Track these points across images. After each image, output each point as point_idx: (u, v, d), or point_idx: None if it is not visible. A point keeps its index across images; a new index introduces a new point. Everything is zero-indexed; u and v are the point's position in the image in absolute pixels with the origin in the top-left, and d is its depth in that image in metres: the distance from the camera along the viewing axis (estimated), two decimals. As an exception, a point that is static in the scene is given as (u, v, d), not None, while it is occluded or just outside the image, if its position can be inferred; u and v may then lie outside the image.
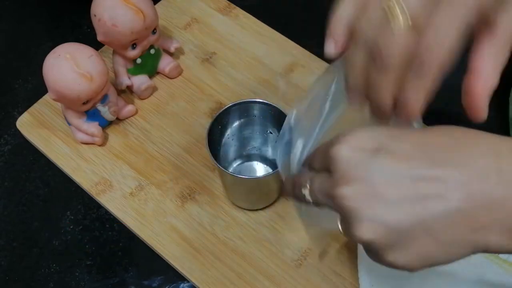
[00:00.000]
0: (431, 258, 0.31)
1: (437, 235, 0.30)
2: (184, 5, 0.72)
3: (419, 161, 0.31)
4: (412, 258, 0.31)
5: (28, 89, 0.67)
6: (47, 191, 0.61)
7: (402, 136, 0.32)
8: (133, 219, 0.57)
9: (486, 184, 0.30)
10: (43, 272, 0.56)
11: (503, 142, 0.31)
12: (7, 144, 0.64)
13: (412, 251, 0.31)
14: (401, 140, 0.32)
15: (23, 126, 0.62)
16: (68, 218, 0.59)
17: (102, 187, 0.58)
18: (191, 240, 0.55)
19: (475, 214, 0.30)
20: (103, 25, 0.57)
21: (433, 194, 0.30)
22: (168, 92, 0.65)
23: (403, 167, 0.31)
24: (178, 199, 0.58)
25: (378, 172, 0.31)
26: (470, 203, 0.30)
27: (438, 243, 0.30)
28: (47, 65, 0.55)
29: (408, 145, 0.32)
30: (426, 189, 0.30)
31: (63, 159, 0.60)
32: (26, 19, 0.74)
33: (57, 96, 0.55)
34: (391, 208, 0.31)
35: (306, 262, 0.55)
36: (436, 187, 0.30)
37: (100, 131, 0.60)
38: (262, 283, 0.53)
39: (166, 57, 0.65)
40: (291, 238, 0.56)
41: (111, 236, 0.58)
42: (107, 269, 0.56)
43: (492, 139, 0.31)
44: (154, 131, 0.62)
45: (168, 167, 0.60)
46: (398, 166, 0.31)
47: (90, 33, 0.65)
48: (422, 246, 0.31)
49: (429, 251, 0.31)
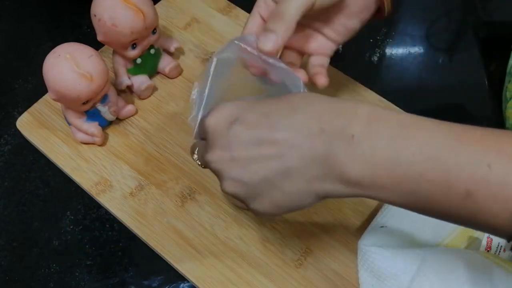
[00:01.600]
0: (281, 205, 0.38)
1: (280, 187, 0.37)
2: (184, 5, 0.72)
3: (262, 127, 0.37)
4: (267, 206, 0.38)
5: (28, 89, 0.67)
6: (47, 191, 0.61)
7: (254, 107, 0.39)
8: (133, 219, 0.57)
9: (311, 144, 0.36)
10: (43, 272, 0.56)
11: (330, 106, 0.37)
12: (7, 144, 0.64)
13: (265, 200, 0.38)
14: (252, 110, 0.39)
15: (23, 126, 0.62)
16: (68, 218, 0.59)
17: (102, 187, 0.58)
18: (191, 240, 0.55)
19: (307, 169, 0.36)
20: (103, 25, 0.57)
21: (273, 155, 0.37)
22: (168, 92, 0.65)
23: (250, 133, 0.38)
24: (178, 199, 0.58)
25: (233, 139, 0.38)
26: (301, 160, 0.36)
27: (283, 193, 0.37)
28: (47, 65, 0.55)
29: (256, 114, 0.38)
30: (267, 151, 0.37)
31: (63, 159, 0.60)
32: (26, 19, 0.74)
33: (57, 96, 0.55)
34: (243, 168, 0.38)
35: (306, 262, 0.55)
36: (275, 149, 0.37)
37: (100, 131, 0.60)
38: (262, 283, 0.53)
39: (166, 57, 0.65)
40: (291, 238, 0.56)
41: (111, 236, 0.58)
42: (107, 269, 0.56)
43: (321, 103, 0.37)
44: (154, 131, 0.62)
45: (168, 167, 0.60)
46: (247, 133, 0.38)
47: (90, 33, 0.65)
48: (271, 196, 0.38)
49: (278, 199, 0.38)
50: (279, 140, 0.37)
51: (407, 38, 0.74)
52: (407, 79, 0.70)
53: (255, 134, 0.38)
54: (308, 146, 0.36)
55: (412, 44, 0.73)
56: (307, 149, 0.36)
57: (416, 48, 0.73)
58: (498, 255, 0.52)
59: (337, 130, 0.35)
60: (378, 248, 0.51)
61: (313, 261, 0.55)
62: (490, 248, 0.52)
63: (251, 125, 0.38)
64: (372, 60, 0.71)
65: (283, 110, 0.38)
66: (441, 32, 0.75)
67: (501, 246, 0.52)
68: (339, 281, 0.54)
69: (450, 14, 0.76)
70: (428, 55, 0.73)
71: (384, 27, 0.74)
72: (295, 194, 0.37)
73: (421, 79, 0.70)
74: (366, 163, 0.35)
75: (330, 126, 0.36)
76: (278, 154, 0.37)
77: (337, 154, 0.35)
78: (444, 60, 0.73)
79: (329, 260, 0.55)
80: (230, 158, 0.38)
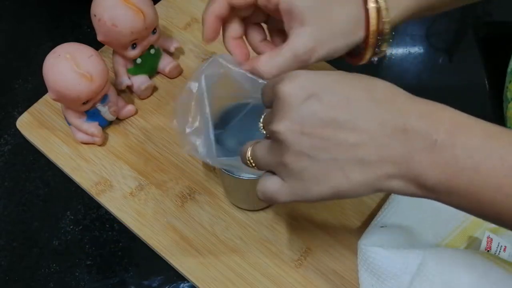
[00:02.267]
0: (341, 191, 0.37)
1: (348, 175, 0.36)
2: (184, 5, 0.72)
3: (343, 111, 0.36)
4: (326, 189, 0.37)
5: (28, 89, 0.67)
6: (47, 191, 0.61)
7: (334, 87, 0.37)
8: (133, 219, 0.57)
9: (393, 142, 0.35)
10: (43, 272, 0.56)
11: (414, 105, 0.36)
12: (7, 144, 0.64)
13: (326, 184, 0.37)
14: (332, 90, 0.37)
15: (23, 126, 0.62)
16: (68, 218, 0.59)
17: (102, 187, 0.58)
18: (191, 240, 0.55)
19: (382, 165, 0.35)
20: (103, 25, 0.57)
21: (350, 141, 0.35)
22: (168, 92, 0.65)
23: (329, 113, 0.36)
24: (178, 199, 0.58)
25: (309, 114, 0.36)
26: (379, 155, 0.35)
27: (349, 181, 0.36)
28: (47, 65, 0.55)
29: (336, 96, 0.36)
30: (345, 136, 0.35)
31: (63, 159, 0.60)
32: (26, 19, 0.74)
33: (57, 96, 0.55)
34: (314, 144, 0.36)
35: (306, 262, 0.55)
36: (355, 136, 0.35)
37: (100, 131, 0.60)
38: (262, 283, 0.53)
39: (166, 57, 0.65)
40: (291, 238, 0.56)
41: (111, 236, 0.58)
42: (107, 269, 0.56)
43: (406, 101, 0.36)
44: (154, 131, 0.62)
45: (168, 167, 0.60)
46: (325, 112, 0.36)
47: (90, 33, 0.65)
48: (335, 181, 0.36)
49: (341, 185, 0.36)
50: (361, 129, 0.35)
51: (407, 38, 0.74)
52: (407, 79, 0.70)
53: (335, 116, 0.36)
54: (389, 143, 0.35)
55: (412, 44, 0.73)
56: (387, 146, 0.35)
57: (416, 48, 0.73)
58: (498, 255, 0.52)
59: (420, 133, 0.34)
60: (378, 248, 0.51)
61: (313, 261, 0.55)
62: (490, 248, 0.52)
63: (331, 105, 0.36)
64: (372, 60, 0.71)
65: (365, 99, 0.36)
66: (441, 32, 0.75)
67: (501, 246, 0.52)
68: (339, 281, 0.54)
69: (450, 14, 0.76)
70: (428, 55, 0.73)
71: (384, 27, 0.74)
72: (360, 184, 0.36)
73: (421, 79, 0.70)
74: (446, 171, 0.34)
75: (413, 127, 0.35)
76: (356, 142, 0.35)
77: (417, 159, 0.34)
78: (444, 60, 0.73)
79: (329, 260, 0.55)
80: (301, 131, 0.36)
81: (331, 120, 0.36)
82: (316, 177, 0.37)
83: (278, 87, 0.38)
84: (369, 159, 0.35)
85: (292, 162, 0.37)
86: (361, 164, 0.36)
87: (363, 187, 0.36)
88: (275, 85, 0.38)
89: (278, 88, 0.38)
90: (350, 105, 0.36)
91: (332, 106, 0.36)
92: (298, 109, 0.36)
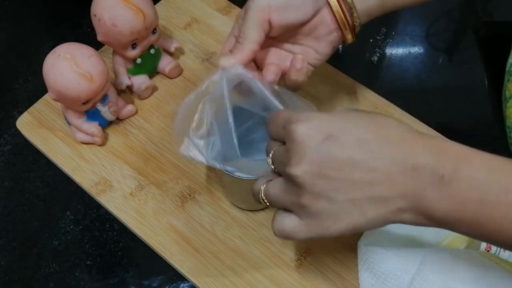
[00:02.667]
0: (358, 227, 0.38)
1: (364, 212, 0.37)
2: (184, 5, 0.72)
3: (360, 152, 0.37)
4: (343, 226, 0.38)
5: (28, 89, 0.67)
6: (47, 191, 0.61)
7: (350, 128, 0.38)
8: (133, 219, 0.57)
9: (404, 179, 0.37)
10: (43, 272, 0.56)
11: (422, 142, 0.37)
12: (7, 144, 0.64)
13: (343, 221, 0.38)
14: (349, 131, 0.38)
15: (23, 126, 0.62)
16: (68, 218, 0.59)
17: (102, 187, 0.58)
18: (191, 240, 0.55)
19: (395, 200, 0.37)
20: (103, 25, 0.57)
21: (366, 181, 0.37)
22: (168, 92, 0.65)
23: (347, 155, 0.37)
24: (178, 199, 0.58)
25: (326, 156, 0.37)
26: (392, 192, 0.37)
27: (365, 218, 0.38)
28: (47, 65, 0.55)
29: (353, 137, 0.38)
30: (362, 175, 0.37)
31: (63, 159, 0.60)
32: (26, 19, 0.74)
33: (57, 96, 0.55)
34: (331, 185, 0.37)
35: (306, 262, 0.55)
36: (370, 175, 0.37)
37: (100, 131, 0.60)
38: (262, 283, 0.53)
39: (166, 57, 0.65)
40: (291, 238, 0.56)
41: (111, 236, 0.58)
42: (107, 269, 0.56)
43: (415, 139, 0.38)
44: (154, 131, 0.62)
45: (168, 167, 0.60)
46: (343, 153, 0.37)
47: (90, 33, 0.65)
48: (352, 218, 0.38)
49: (357, 223, 0.38)
50: (376, 169, 0.37)
51: (407, 38, 0.74)
52: (407, 79, 0.70)
53: (352, 156, 0.37)
54: (401, 180, 0.37)
55: (412, 44, 0.73)
56: (399, 182, 0.37)
57: (416, 48, 0.73)
58: (498, 255, 0.52)
59: (429, 169, 0.36)
60: (378, 248, 0.51)
61: (313, 261, 0.55)
62: (490, 248, 0.52)
63: (348, 147, 0.37)
64: (372, 60, 0.71)
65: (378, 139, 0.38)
66: (441, 32, 0.75)
67: (501, 246, 0.52)
68: (339, 281, 0.54)
69: (450, 14, 0.76)
70: (428, 55, 0.73)
71: (384, 27, 0.74)
72: (375, 220, 0.38)
73: (421, 79, 0.70)
74: (453, 204, 0.36)
75: (422, 164, 0.36)
76: (371, 181, 0.37)
77: (426, 193, 0.36)
78: (444, 60, 0.73)
79: (329, 260, 0.55)
80: (318, 174, 0.37)
81: (349, 161, 0.37)
82: (334, 216, 0.38)
83: (293, 127, 0.38)
84: (383, 196, 0.37)
85: (310, 204, 0.38)
86: (376, 201, 0.37)
87: (377, 221, 0.38)
88: (288, 124, 0.39)
89: (293, 128, 0.38)
90: (367, 147, 0.37)
91: (350, 147, 0.37)
92: (316, 151, 0.37)
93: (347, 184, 0.37)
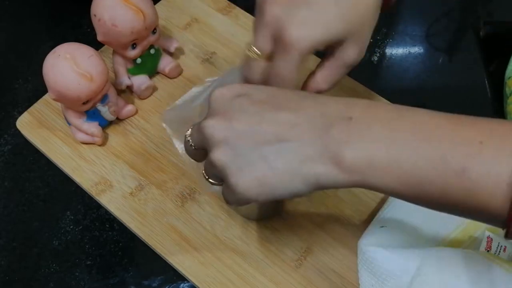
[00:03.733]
0: (267, 183, 0.37)
1: (270, 162, 0.37)
2: (184, 5, 0.72)
3: (269, 105, 0.39)
4: (251, 181, 0.37)
5: (28, 89, 0.67)
6: (47, 191, 0.61)
7: (264, 88, 0.41)
8: (133, 219, 0.57)
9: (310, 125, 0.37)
10: (43, 272, 0.56)
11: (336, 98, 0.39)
12: (7, 144, 0.64)
13: (251, 174, 0.37)
14: (261, 90, 0.41)
15: (23, 126, 0.62)
16: (68, 218, 0.59)
17: (102, 187, 0.58)
18: (191, 240, 0.55)
19: (302, 148, 0.37)
20: (103, 25, 0.57)
21: (272, 131, 0.37)
22: (168, 92, 0.65)
23: (255, 108, 0.39)
24: (178, 199, 0.58)
25: (236, 109, 0.39)
26: (298, 139, 0.37)
27: (272, 170, 0.37)
28: (47, 65, 0.55)
29: (264, 94, 0.40)
30: (268, 127, 0.38)
31: (63, 159, 0.60)
32: (26, 19, 0.74)
33: (57, 96, 0.55)
34: (238, 136, 0.38)
35: (306, 262, 0.55)
36: (276, 127, 0.38)
37: (100, 131, 0.60)
38: (262, 283, 0.53)
39: (166, 57, 0.65)
40: (291, 238, 0.56)
41: (111, 236, 0.58)
42: (107, 269, 0.56)
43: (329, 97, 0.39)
44: (154, 131, 0.62)
45: (168, 167, 0.60)
46: (252, 107, 0.39)
47: (90, 33, 0.65)
48: (259, 171, 0.37)
49: (265, 175, 0.37)
50: (282, 120, 0.38)
51: (407, 38, 0.74)
52: (407, 79, 0.70)
53: (260, 110, 0.38)
54: (307, 126, 0.37)
55: (412, 44, 0.73)
56: (306, 129, 0.37)
57: (416, 48, 0.73)
58: (498, 255, 0.52)
59: (336, 113, 0.37)
60: (378, 248, 0.51)
61: (313, 261, 0.55)
62: (490, 248, 0.52)
63: (258, 101, 0.39)
64: (372, 60, 0.71)
65: (292, 96, 0.40)
66: (441, 32, 0.75)
67: (501, 246, 0.52)
68: (339, 281, 0.54)
69: (450, 14, 0.76)
70: (428, 55, 0.73)
71: (384, 27, 0.74)
72: (284, 173, 0.37)
73: (421, 79, 0.70)
74: (362, 143, 0.36)
75: (330, 110, 0.38)
76: (278, 132, 0.37)
77: (334, 134, 0.36)
78: (444, 60, 0.73)
79: (329, 260, 0.55)
80: (228, 126, 0.38)
81: (257, 114, 0.38)
82: (239, 168, 0.38)
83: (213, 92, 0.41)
84: (290, 146, 0.37)
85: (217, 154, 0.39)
86: (283, 149, 0.37)
87: (289, 177, 0.37)
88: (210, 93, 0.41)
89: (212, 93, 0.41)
90: (276, 100, 0.39)
91: (259, 101, 0.39)
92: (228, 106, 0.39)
93: (254, 135, 0.38)
